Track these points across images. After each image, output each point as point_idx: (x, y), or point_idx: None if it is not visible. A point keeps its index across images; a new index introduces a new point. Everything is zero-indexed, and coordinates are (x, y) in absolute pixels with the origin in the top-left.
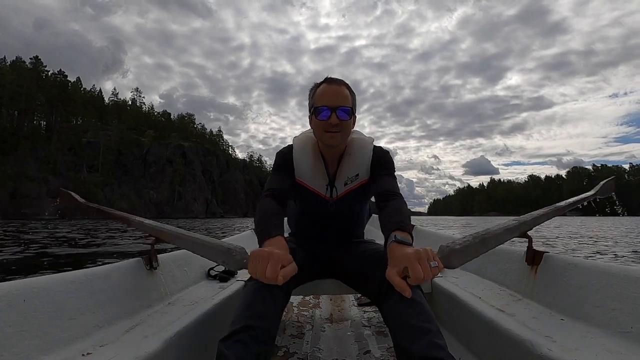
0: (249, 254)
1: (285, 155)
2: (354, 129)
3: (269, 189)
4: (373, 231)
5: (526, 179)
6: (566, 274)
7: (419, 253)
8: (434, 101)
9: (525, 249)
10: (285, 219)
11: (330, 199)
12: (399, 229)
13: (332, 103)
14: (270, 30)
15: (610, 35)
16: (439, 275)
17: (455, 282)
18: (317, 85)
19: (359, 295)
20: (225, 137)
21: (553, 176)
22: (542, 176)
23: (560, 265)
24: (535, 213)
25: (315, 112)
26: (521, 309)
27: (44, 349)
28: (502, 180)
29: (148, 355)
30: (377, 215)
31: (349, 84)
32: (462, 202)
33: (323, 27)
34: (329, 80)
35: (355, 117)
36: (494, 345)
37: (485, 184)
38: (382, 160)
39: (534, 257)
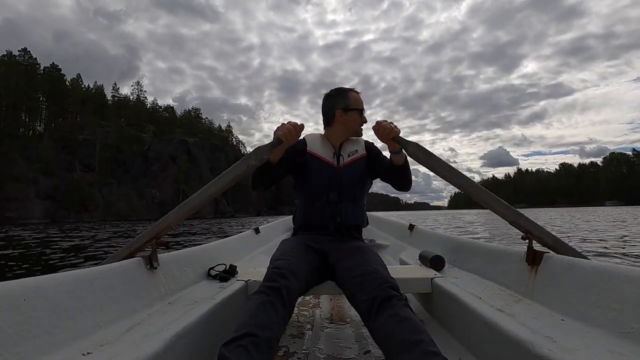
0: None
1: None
2: None
3: None
4: (373, 231)
5: (557, 168)
6: (566, 274)
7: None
8: (447, 93)
9: (526, 249)
10: (291, 217)
11: (338, 166)
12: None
13: (363, 107)
14: (278, 29)
15: (632, 17)
16: (438, 275)
17: (455, 282)
18: (347, 90)
19: None
20: (240, 137)
21: (587, 163)
22: (575, 164)
23: (560, 265)
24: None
25: (358, 111)
26: (521, 309)
27: (44, 349)
28: (529, 170)
29: (148, 355)
30: (376, 215)
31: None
32: None
33: (330, 23)
34: (356, 91)
35: None
36: (494, 346)
37: (511, 174)
38: (374, 147)
39: (534, 257)
